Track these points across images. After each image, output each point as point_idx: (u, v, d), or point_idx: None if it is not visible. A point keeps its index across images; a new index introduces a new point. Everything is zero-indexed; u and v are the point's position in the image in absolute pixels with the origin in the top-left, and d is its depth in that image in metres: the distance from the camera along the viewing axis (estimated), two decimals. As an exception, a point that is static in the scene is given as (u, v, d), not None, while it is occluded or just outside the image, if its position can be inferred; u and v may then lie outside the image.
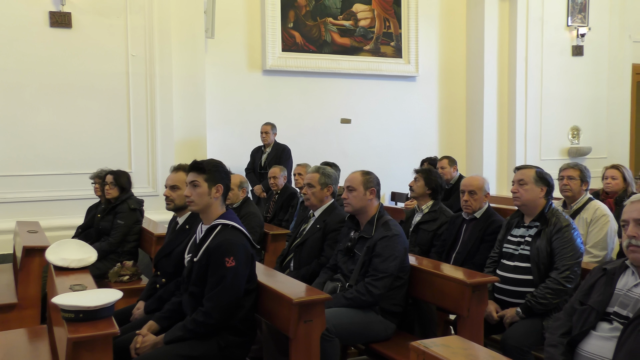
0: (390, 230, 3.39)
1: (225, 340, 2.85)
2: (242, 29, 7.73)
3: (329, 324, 3.01)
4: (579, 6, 8.92)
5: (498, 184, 8.84)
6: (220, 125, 7.55)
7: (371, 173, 3.61)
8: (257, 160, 7.23)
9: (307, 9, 8.00)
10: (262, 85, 7.88)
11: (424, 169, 4.80)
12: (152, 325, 2.96)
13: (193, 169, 3.00)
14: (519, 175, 3.55)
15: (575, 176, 4.20)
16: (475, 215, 4.07)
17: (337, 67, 8.15)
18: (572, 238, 3.33)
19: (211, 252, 2.85)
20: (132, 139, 6.45)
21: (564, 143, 9.03)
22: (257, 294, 3.03)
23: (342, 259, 3.58)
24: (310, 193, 4.04)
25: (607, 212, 4.07)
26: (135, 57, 6.39)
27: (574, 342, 2.23)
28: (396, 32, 8.51)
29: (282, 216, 6.09)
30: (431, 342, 2.11)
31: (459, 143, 9.07)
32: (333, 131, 8.28)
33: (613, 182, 4.70)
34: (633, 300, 2.14)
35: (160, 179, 6.41)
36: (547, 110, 8.85)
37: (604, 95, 9.18)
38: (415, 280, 3.50)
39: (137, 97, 6.45)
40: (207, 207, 2.97)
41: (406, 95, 8.71)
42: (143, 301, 3.40)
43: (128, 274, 4.65)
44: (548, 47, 8.78)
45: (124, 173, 5.15)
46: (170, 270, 3.37)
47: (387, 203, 8.36)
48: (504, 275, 3.49)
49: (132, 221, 4.96)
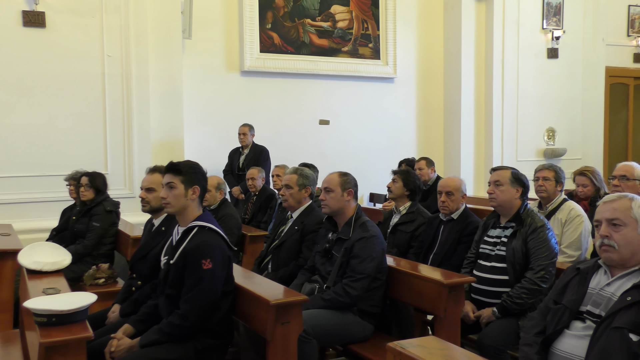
0: (367, 231, 3.40)
1: (201, 343, 2.83)
2: (220, 29, 7.69)
3: (307, 326, 3.01)
4: (554, 9, 9.04)
5: (475, 185, 8.92)
6: (198, 126, 7.50)
7: (349, 174, 3.61)
8: (235, 162, 7.20)
9: (285, 10, 7.99)
10: (240, 86, 7.84)
11: (402, 170, 4.82)
12: (128, 329, 2.93)
13: (169, 171, 2.98)
14: (494, 176, 3.59)
15: (550, 177, 4.25)
16: (453, 217, 4.10)
17: (315, 69, 8.16)
18: (547, 238, 3.37)
19: (188, 254, 2.83)
20: (108, 140, 6.38)
21: (540, 144, 9.14)
22: (234, 296, 3.01)
23: (319, 261, 3.57)
24: (288, 194, 4.03)
25: (581, 212, 4.12)
26: (111, 58, 6.32)
27: (548, 341, 2.25)
28: (374, 34, 8.54)
29: (261, 218, 6.07)
30: (408, 343, 2.12)
31: (436, 144, 9.13)
32: (311, 132, 8.28)
33: (584, 189, 4.75)
34: (605, 299, 2.17)
35: (137, 181, 6.34)
36: (523, 112, 8.94)
37: (578, 97, 9.32)
38: (393, 281, 3.51)
39: (113, 98, 6.37)
40: (183, 209, 2.95)
41: (384, 97, 8.75)
42: (118, 304, 3.36)
43: (104, 276, 4.59)
44: (524, 49, 8.88)
45: (100, 175, 5.08)
46: (146, 272, 3.33)
47: (365, 204, 8.37)
48: (480, 276, 3.52)
49: (107, 223, 4.90)
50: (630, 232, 2.17)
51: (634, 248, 2.17)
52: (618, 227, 2.19)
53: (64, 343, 2.32)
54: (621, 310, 2.07)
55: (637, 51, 10.44)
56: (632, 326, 2.02)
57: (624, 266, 2.19)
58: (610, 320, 2.07)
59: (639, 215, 2.19)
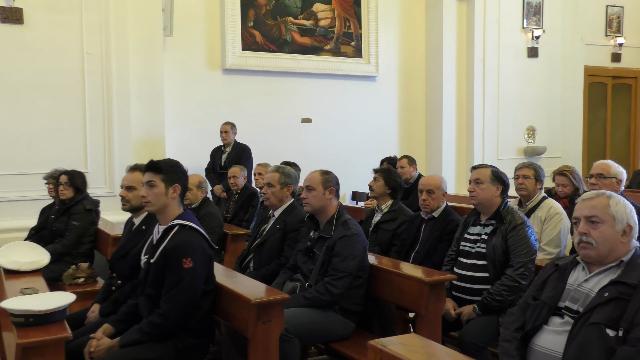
0: (349, 229, 3.40)
1: (182, 342, 2.81)
2: (202, 27, 7.65)
3: (288, 324, 3.00)
4: (534, 9, 9.13)
5: (457, 183, 8.97)
6: (179, 124, 7.45)
7: (330, 172, 3.61)
8: (217, 160, 7.17)
9: (267, 8, 7.97)
10: (222, 85, 7.80)
11: (383, 168, 4.83)
12: (107, 329, 2.90)
13: (149, 169, 2.95)
14: (475, 174, 3.61)
15: (530, 175, 4.28)
16: (434, 215, 4.12)
17: (297, 67, 8.14)
18: (527, 236, 3.40)
19: (168, 253, 2.81)
20: (88, 139, 6.31)
21: (520, 143, 9.23)
22: (215, 295, 3.00)
23: (301, 259, 3.57)
24: (270, 193, 4.02)
25: (560, 210, 4.17)
26: (90, 55, 6.25)
27: (527, 336, 2.28)
28: (356, 32, 8.55)
29: (243, 216, 6.05)
30: (389, 341, 2.12)
31: (418, 142, 9.17)
32: (294, 131, 8.26)
33: (564, 189, 4.80)
34: (583, 295, 2.20)
35: (117, 179, 6.28)
36: (504, 111, 9.02)
37: (558, 96, 9.42)
38: (375, 279, 3.52)
39: (92, 96, 6.31)
40: (163, 208, 2.93)
41: (366, 95, 8.76)
42: (98, 304, 3.33)
43: (83, 276, 4.54)
44: (504, 48, 8.95)
45: (79, 173, 5.03)
46: (126, 272, 3.31)
47: (347, 202, 8.39)
48: (461, 273, 3.54)
49: (87, 222, 4.86)
50: (607, 230, 2.20)
51: (611, 245, 2.19)
52: (596, 224, 2.22)
53: (41, 344, 2.29)
54: (598, 306, 2.09)
55: (615, 51, 10.58)
56: (609, 322, 2.05)
57: (602, 263, 2.22)
58: (588, 316, 2.10)
59: (616, 212, 2.21)
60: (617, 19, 10.60)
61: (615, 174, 3.75)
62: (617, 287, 2.10)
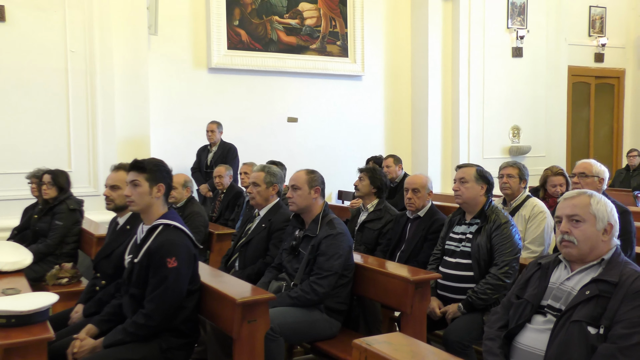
0: (334, 228, 3.40)
1: (167, 342, 2.80)
2: (187, 26, 7.61)
3: (274, 324, 3.00)
4: (518, 9, 9.19)
5: (443, 182, 9.01)
6: (164, 123, 7.41)
7: (316, 172, 3.61)
8: (203, 159, 7.15)
9: (252, 6, 7.94)
10: (207, 84, 7.77)
11: (368, 167, 4.84)
12: (91, 329, 2.88)
13: (133, 168, 2.94)
14: (460, 173, 3.63)
15: (514, 174, 4.31)
16: (419, 214, 4.13)
17: (283, 66, 8.13)
18: (511, 234, 3.42)
19: (152, 253, 2.80)
20: (72, 138, 6.26)
21: (505, 142, 9.29)
22: (200, 294, 2.99)
23: (287, 258, 3.57)
24: (256, 192, 4.02)
25: (544, 209, 4.20)
26: (74, 53, 6.20)
27: (511, 335, 2.29)
28: (342, 32, 8.55)
29: (228, 216, 6.03)
30: (373, 340, 2.13)
31: (404, 142, 9.20)
32: (280, 130, 8.25)
33: (560, 189, 4.84)
34: (565, 293, 2.22)
35: (101, 179, 6.23)
36: (489, 110, 9.07)
37: (542, 96, 9.49)
38: (360, 278, 3.53)
39: (76, 95, 6.26)
40: (148, 207, 2.91)
41: (352, 94, 8.77)
42: (82, 304, 3.30)
43: (67, 276, 4.50)
44: (489, 48, 9.01)
45: (63, 172, 4.98)
46: (110, 272, 3.28)
47: (334, 202, 8.39)
48: (446, 272, 3.55)
49: (71, 222, 4.81)
50: (589, 228, 2.22)
51: (593, 243, 2.22)
52: (578, 223, 2.24)
53: (23, 344, 2.27)
54: (580, 304, 2.11)
55: (598, 51, 10.70)
56: (590, 319, 2.07)
57: (583, 261, 2.24)
58: (570, 314, 2.12)
59: (597, 211, 2.24)
60: (600, 20, 10.72)
61: (598, 173, 3.79)
62: (598, 285, 2.13)
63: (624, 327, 2.00)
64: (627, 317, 2.01)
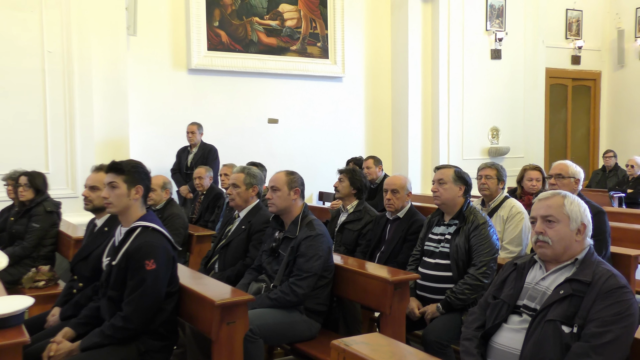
0: (314, 230, 3.41)
1: (145, 345, 2.78)
2: (166, 26, 7.57)
3: (253, 325, 3.00)
4: (497, 11, 9.28)
5: (423, 183, 9.06)
6: (144, 124, 7.36)
7: (295, 173, 3.62)
8: (183, 161, 7.11)
9: (232, 7, 7.93)
10: (187, 85, 7.74)
11: (348, 169, 4.85)
12: (68, 332, 2.85)
13: (111, 170, 2.92)
14: (438, 174, 3.65)
15: (492, 175, 4.35)
16: (399, 215, 4.15)
17: (263, 67, 8.13)
18: (489, 235, 3.45)
19: (131, 255, 2.78)
20: (49, 139, 6.19)
21: (485, 143, 9.37)
22: (179, 296, 2.97)
23: (266, 260, 3.57)
24: (235, 193, 4.00)
25: (521, 209, 4.25)
26: (51, 54, 6.13)
27: (487, 335, 2.32)
28: (322, 33, 8.57)
29: (208, 217, 6.00)
30: (352, 340, 2.14)
31: (384, 143, 9.24)
32: (260, 131, 8.24)
33: (537, 184, 4.93)
34: (540, 293, 2.25)
35: (80, 180, 6.18)
36: (468, 111, 9.15)
37: (520, 98, 9.59)
38: (340, 279, 3.53)
39: (54, 95, 6.19)
40: (126, 209, 2.90)
41: (333, 96, 8.79)
42: (59, 307, 3.27)
43: (44, 279, 4.45)
44: (468, 50, 9.08)
45: (39, 174, 4.92)
46: (88, 274, 3.26)
47: (314, 203, 8.41)
48: (425, 273, 3.58)
49: (48, 224, 4.76)
50: (563, 229, 2.25)
51: (567, 243, 2.25)
52: (552, 223, 2.27)
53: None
54: (554, 304, 2.14)
55: (575, 53, 10.86)
56: (564, 318, 2.10)
57: (558, 261, 2.27)
58: (545, 314, 2.15)
59: (571, 212, 2.27)
60: (576, 23, 10.88)
61: (574, 174, 3.85)
62: (571, 284, 2.16)
63: (596, 325, 2.03)
64: (600, 315, 2.04)
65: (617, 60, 10.96)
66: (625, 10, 10.88)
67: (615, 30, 10.99)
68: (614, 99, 11.22)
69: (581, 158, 10.89)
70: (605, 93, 11.31)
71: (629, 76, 10.90)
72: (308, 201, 8.19)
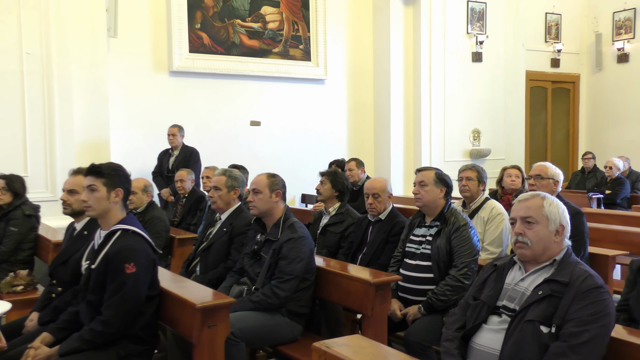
0: (296, 232, 3.41)
1: (125, 349, 2.76)
2: (147, 28, 7.51)
3: (235, 328, 2.99)
4: (478, 15, 9.36)
5: (405, 185, 9.08)
6: (125, 127, 7.30)
7: (277, 175, 3.61)
8: (164, 163, 7.06)
9: (214, 10, 7.90)
10: (168, 87, 7.69)
11: (329, 171, 4.85)
12: (46, 337, 2.81)
13: (90, 173, 2.89)
14: (419, 177, 3.67)
15: (473, 177, 4.39)
16: (381, 217, 4.16)
17: (246, 69, 8.10)
18: (469, 236, 3.48)
19: (110, 259, 2.75)
20: (28, 142, 6.11)
21: (466, 145, 9.43)
22: (160, 300, 2.95)
23: (248, 262, 3.56)
24: (217, 196, 3.99)
25: (502, 211, 4.29)
26: (30, 55, 6.06)
27: (468, 336, 2.33)
28: (305, 35, 8.57)
29: (190, 220, 5.97)
30: (333, 342, 2.14)
31: (367, 145, 9.26)
32: (243, 133, 8.22)
33: (517, 180, 5.02)
34: (519, 294, 2.27)
35: (59, 183, 6.09)
36: (450, 114, 9.20)
37: (501, 100, 9.66)
38: (322, 281, 3.54)
39: (32, 97, 6.11)
40: (105, 212, 2.87)
41: (315, 98, 8.80)
42: (37, 312, 3.23)
43: (22, 283, 4.38)
44: (450, 53, 9.14)
45: (17, 177, 4.86)
46: (67, 278, 3.22)
47: (297, 205, 8.40)
48: (406, 274, 3.59)
49: (26, 228, 4.70)
50: (542, 230, 2.28)
51: (545, 244, 2.27)
52: (531, 224, 2.29)
53: (-26, 355, 2.21)
54: (533, 304, 2.17)
55: (554, 56, 11.00)
56: (542, 319, 2.12)
57: (537, 262, 2.30)
58: (524, 314, 2.17)
59: (550, 213, 2.29)
60: (555, 26, 11.01)
61: (553, 175, 3.89)
62: (550, 285, 2.18)
63: (574, 325, 2.06)
64: (577, 315, 2.07)
65: (595, 63, 11.12)
66: (602, 14, 11.03)
67: (593, 34, 11.14)
68: (592, 102, 11.38)
69: (561, 160, 11.01)
70: (584, 95, 11.47)
71: (606, 79, 11.05)
72: (291, 203, 8.18)
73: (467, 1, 9.22)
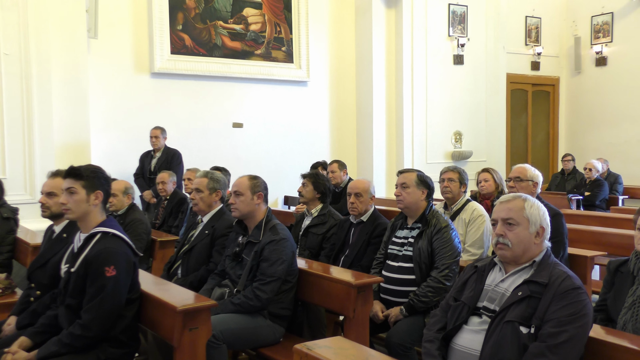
0: (277, 234, 3.40)
1: (105, 353, 2.73)
2: (128, 29, 7.46)
3: (216, 331, 2.98)
4: (459, 17, 9.43)
5: (388, 187, 9.12)
6: (106, 129, 7.24)
7: (258, 177, 3.60)
8: (146, 165, 7.01)
9: (196, 11, 7.86)
10: (150, 88, 7.64)
11: (311, 173, 4.85)
12: (24, 341, 2.78)
13: (69, 175, 2.86)
14: (401, 179, 3.69)
15: (454, 178, 4.42)
16: (362, 219, 4.17)
17: (228, 71, 8.08)
18: (451, 238, 3.50)
19: (90, 262, 2.72)
20: (6, 143, 6.04)
21: (448, 147, 9.49)
22: (140, 303, 2.93)
23: (230, 265, 3.55)
24: (199, 198, 3.98)
25: (483, 212, 4.32)
26: (8, 56, 5.98)
27: (448, 336, 2.35)
28: (287, 37, 8.57)
29: (172, 222, 5.93)
30: (314, 344, 2.14)
31: (349, 147, 9.28)
32: (225, 135, 8.19)
33: (486, 184, 5.05)
34: (499, 295, 2.29)
35: (38, 186, 6.03)
36: (432, 116, 9.25)
37: (482, 102, 9.75)
38: (304, 283, 3.53)
39: (11, 99, 6.04)
40: (85, 215, 2.84)
41: (298, 100, 8.80)
42: (15, 316, 3.18)
43: (0, 287, 4.31)
44: (432, 55, 9.19)
45: (-4, 179, 4.79)
46: (46, 282, 3.19)
47: (280, 207, 8.39)
48: (388, 276, 3.60)
49: (4, 231, 4.62)
50: (522, 231, 2.30)
51: (526, 246, 2.29)
52: (512, 226, 2.31)
53: (-50, 360, 2.17)
54: (513, 305, 2.19)
55: (535, 59, 11.12)
56: (522, 319, 2.14)
57: (517, 263, 2.32)
58: (503, 315, 2.19)
59: (530, 215, 2.32)
60: (535, 29, 11.14)
61: (532, 177, 3.93)
62: (529, 286, 2.20)
63: (552, 326, 2.08)
64: (556, 316, 2.09)
65: (575, 66, 11.26)
66: (581, 18, 11.18)
67: (572, 37, 11.28)
68: (572, 104, 11.52)
69: (541, 161, 11.13)
70: (563, 98, 11.61)
71: (585, 82, 11.20)
72: (273, 206, 8.17)
73: (449, 4, 9.29)
